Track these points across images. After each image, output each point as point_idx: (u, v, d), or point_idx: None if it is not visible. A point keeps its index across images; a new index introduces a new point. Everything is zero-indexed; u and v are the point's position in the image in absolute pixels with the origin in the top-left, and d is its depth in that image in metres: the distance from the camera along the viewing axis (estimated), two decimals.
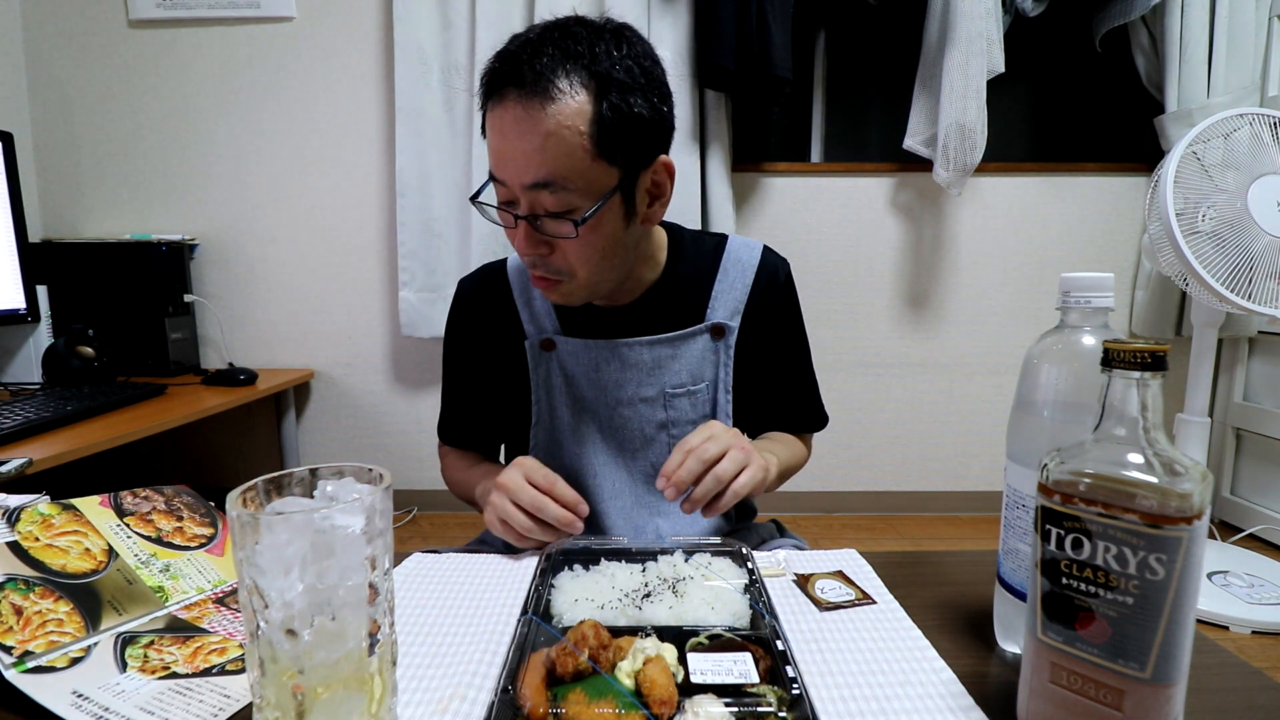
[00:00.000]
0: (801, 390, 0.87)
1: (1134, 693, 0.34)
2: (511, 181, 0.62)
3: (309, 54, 2.06)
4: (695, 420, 0.79)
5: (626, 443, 0.79)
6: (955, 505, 2.27)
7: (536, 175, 0.60)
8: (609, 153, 0.62)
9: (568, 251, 0.66)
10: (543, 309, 0.79)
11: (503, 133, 0.61)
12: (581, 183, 0.61)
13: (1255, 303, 1.38)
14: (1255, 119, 1.42)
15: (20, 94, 2.05)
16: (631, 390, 0.77)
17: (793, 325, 0.85)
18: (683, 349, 0.78)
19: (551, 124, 0.59)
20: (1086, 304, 0.44)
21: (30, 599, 0.47)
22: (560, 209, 0.62)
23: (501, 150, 0.62)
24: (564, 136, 0.59)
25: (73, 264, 1.87)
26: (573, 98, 0.59)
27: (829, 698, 0.43)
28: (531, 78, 0.58)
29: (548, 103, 0.58)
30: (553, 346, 0.78)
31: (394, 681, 0.39)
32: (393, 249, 2.10)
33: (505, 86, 0.60)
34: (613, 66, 0.60)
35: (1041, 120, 2.26)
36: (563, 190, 0.61)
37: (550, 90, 0.58)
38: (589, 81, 0.60)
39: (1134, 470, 0.34)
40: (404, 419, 2.23)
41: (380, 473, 0.38)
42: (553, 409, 0.80)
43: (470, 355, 0.84)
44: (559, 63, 0.59)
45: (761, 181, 2.13)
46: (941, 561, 0.65)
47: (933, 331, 2.20)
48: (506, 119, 0.60)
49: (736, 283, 0.80)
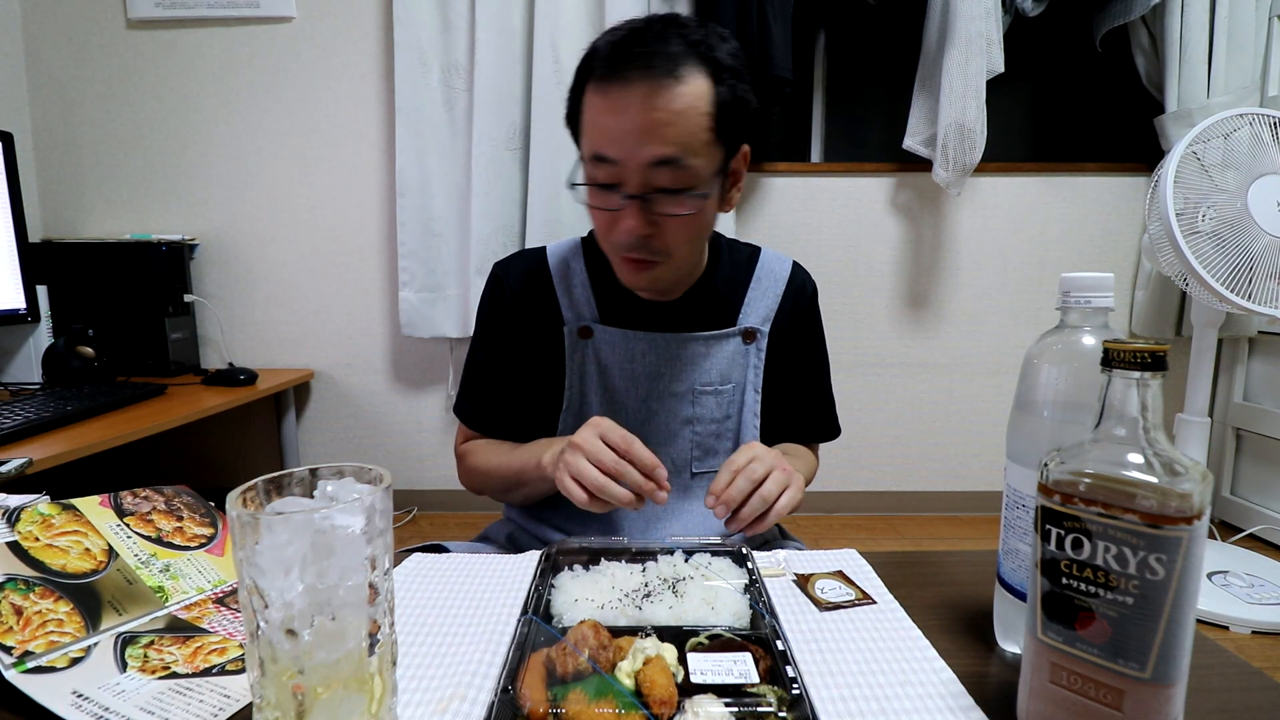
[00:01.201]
0: (818, 401, 0.90)
1: (1134, 693, 0.34)
2: (632, 158, 0.64)
3: (309, 54, 2.06)
4: (719, 419, 0.81)
5: (651, 435, 0.80)
6: (955, 505, 2.27)
7: (664, 151, 0.64)
8: (723, 134, 0.67)
9: (672, 231, 0.69)
10: (582, 297, 0.81)
11: (625, 110, 0.63)
12: (700, 161, 0.66)
13: (1255, 303, 1.38)
14: (1255, 119, 1.42)
15: (20, 94, 2.05)
16: (664, 384, 0.80)
17: (815, 338, 0.88)
18: (715, 349, 0.81)
19: (681, 103, 0.63)
20: (1086, 304, 0.44)
21: (30, 599, 0.47)
22: (676, 186, 0.66)
23: (622, 129, 0.64)
24: (691, 116, 0.64)
25: (73, 264, 1.87)
26: (697, 80, 0.64)
27: (829, 698, 0.43)
28: (662, 60, 0.63)
29: (676, 84, 0.63)
30: (590, 334, 0.80)
31: (394, 681, 0.39)
32: (393, 249, 2.10)
33: (630, 68, 0.63)
34: (725, 55, 0.66)
35: (1041, 120, 2.26)
36: (683, 168, 0.65)
37: (679, 72, 0.63)
38: (707, 66, 0.65)
39: (1134, 470, 0.34)
40: (404, 419, 2.23)
41: (380, 473, 0.38)
42: (584, 395, 0.81)
43: (506, 338, 0.84)
44: (684, 48, 0.64)
45: (761, 181, 2.13)
46: (941, 561, 0.65)
47: (933, 331, 2.20)
48: (632, 98, 0.63)
49: (769, 292, 0.83)
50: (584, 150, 0.69)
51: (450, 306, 2.07)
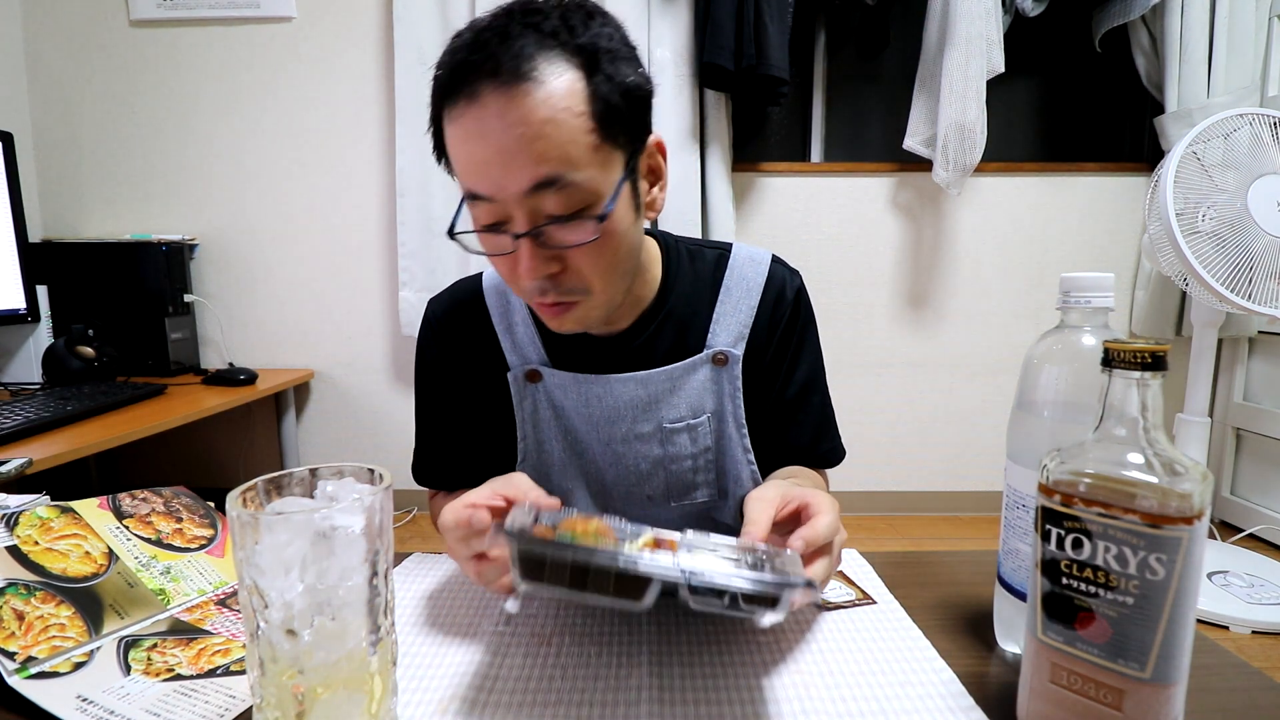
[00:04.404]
0: (814, 422, 0.77)
1: (1134, 693, 0.34)
2: (505, 190, 0.52)
3: (309, 54, 2.06)
4: (694, 454, 0.71)
5: (621, 479, 0.73)
6: (955, 505, 2.27)
7: (538, 173, 0.51)
8: (612, 132, 0.54)
9: (582, 263, 0.57)
10: (525, 337, 0.71)
11: (484, 135, 0.51)
12: (589, 173, 0.53)
13: (1255, 303, 1.38)
14: (1255, 119, 1.42)
15: (20, 94, 2.05)
16: (626, 427, 0.70)
17: (804, 348, 0.75)
18: (681, 381, 0.70)
19: (545, 110, 0.50)
20: (1086, 304, 0.44)
21: (32, 604, 0.47)
22: (569, 210, 0.53)
23: (483, 157, 0.52)
24: (562, 121, 0.51)
25: (73, 264, 1.87)
26: (561, 77, 0.51)
27: (829, 698, 0.43)
28: (510, 64, 0.50)
29: (536, 87, 0.50)
30: (539, 378, 0.70)
31: (394, 681, 0.39)
32: (393, 249, 2.10)
33: (476, 81, 0.50)
34: (595, 37, 0.53)
35: (1041, 120, 2.26)
36: (569, 186, 0.52)
37: (536, 73, 0.50)
38: (573, 56, 0.52)
39: (1134, 470, 0.34)
40: (404, 419, 2.23)
41: (380, 473, 0.38)
42: (540, 443, 0.72)
43: (446, 388, 0.75)
44: (536, 42, 0.51)
45: (761, 181, 2.13)
46: (941, 561, 0.65)
47: (933, 331, 2.20)
48: (488, 117, 0.51)
49: (741, 304, 0.71)
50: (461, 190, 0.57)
51: None
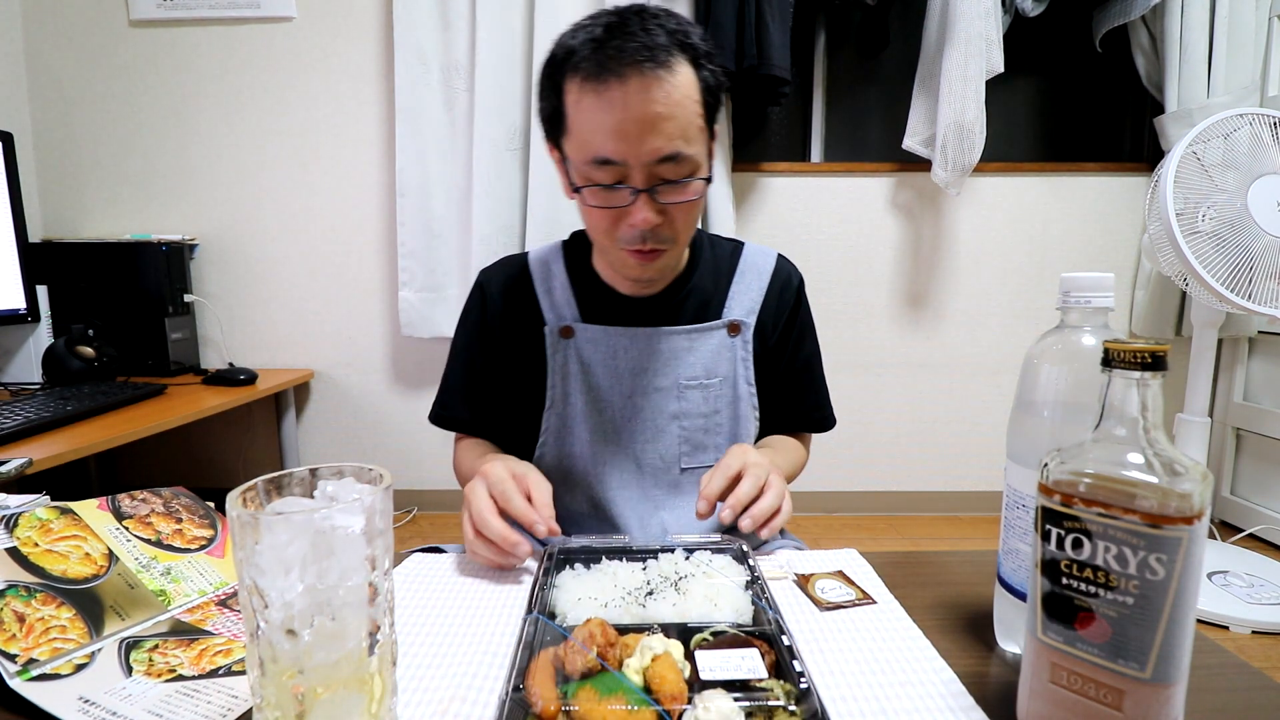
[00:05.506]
0: (810, 390, 0.89)
1: (1134, 693, 0.34)
2: (638, 157, 0.64)
3: (309, 54, 2.06)
4: (706, 414, 0.81)
5: (638, 432, 0.80)
6: (955, 505, 2.27)
7: (669, 146, 0.64)
8: (710, 116, 0.68)
9: (678, 216, 0.69)
10: (563, 297, 0.81)
11: (625, 108, 0.62)
12: (697, 148, 0.66)
13: (1255, 303, 1.38)
14: (1255, 119, 1.42)
15: (20, 94, 2.05)
16: (647, 379, 0.79)
17: (804, 330, 0.87)
18: (699, 342, 0.80)
19: (678, 94, 0.63)
20: (1086, 304, 0.44)
21: (32, 605, 0.46)
22: (679, 176, 0.66)
23: (622, 129, 0.63)
24: (687, 106, 0.64)
25: (73, 264, 1.87)
26: (684, 69, 0.64)
27: (830, 698, 0.43)
28: (655, 55, 0.62)
29: (671, 76, 0.63)
30: (572, 333, 0.80)
31: (394, 681, 0.39)
32: (393, 249, 2.10)
33: (622, 64, 0.62)
34: (699, 39, 0.66)
35: (1041, 120, 2.26)
36: (685, 158, 0.65)
37: (670, 64, 0.62)
38: (688, 53, 0.65)
39: (1134, 470, 0.34)
40: (404, 419, 2.23)
41: (380, 473, 0.38)
42: (567, 395, 0.81)
43: (487, 342, 0.85)
44: (668, 38, 0.63)
45: (761, 181, 2.13)
46: (941, 561, 0.65)
47: (933, 331, 2.20)
48: (630, 94, 0.62)
49: (752, 285, 0.83)
50: (577, 153, 0.67)
51: (451, 306, 2.07)
